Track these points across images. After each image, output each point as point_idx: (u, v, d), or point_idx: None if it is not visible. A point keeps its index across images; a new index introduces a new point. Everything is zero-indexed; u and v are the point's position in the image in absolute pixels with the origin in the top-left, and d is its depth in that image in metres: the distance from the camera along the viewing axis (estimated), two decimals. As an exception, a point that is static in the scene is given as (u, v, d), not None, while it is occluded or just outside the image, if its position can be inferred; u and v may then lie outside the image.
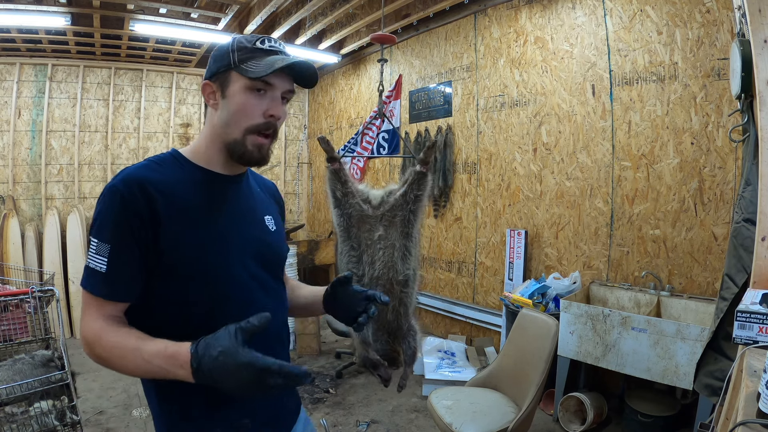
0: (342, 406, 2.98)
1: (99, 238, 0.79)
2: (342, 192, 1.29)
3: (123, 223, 0.79)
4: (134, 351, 0.75)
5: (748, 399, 0.80)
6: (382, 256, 1.27)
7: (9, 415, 1.92)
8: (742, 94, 1.42)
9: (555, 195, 3.23)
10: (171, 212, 0.82)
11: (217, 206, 0.89)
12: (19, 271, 3.70)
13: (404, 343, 1.29)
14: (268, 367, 0.68)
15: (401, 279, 1.26)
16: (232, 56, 0.86)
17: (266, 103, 0.87)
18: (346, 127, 5.48)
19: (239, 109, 0.86)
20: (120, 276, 0.79)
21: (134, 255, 0.80)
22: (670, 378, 2.20)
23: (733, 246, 1.43)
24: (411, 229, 1.28)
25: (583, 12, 3.01)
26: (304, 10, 3.81)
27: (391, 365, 1.30)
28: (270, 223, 1.00)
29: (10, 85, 4.53)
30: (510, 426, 1.97)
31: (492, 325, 3.62)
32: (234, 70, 0.86)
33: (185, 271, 0.83)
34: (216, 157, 0.91)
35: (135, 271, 0.80)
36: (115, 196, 0.79)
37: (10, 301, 2.35)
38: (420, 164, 1.28)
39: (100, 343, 0.77)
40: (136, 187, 0.80)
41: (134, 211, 0.79)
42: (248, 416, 0.89)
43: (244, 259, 0.90)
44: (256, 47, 0.87)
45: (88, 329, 0.79)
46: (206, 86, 0.90)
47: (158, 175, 0.84)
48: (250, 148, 0.88)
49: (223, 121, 0.88)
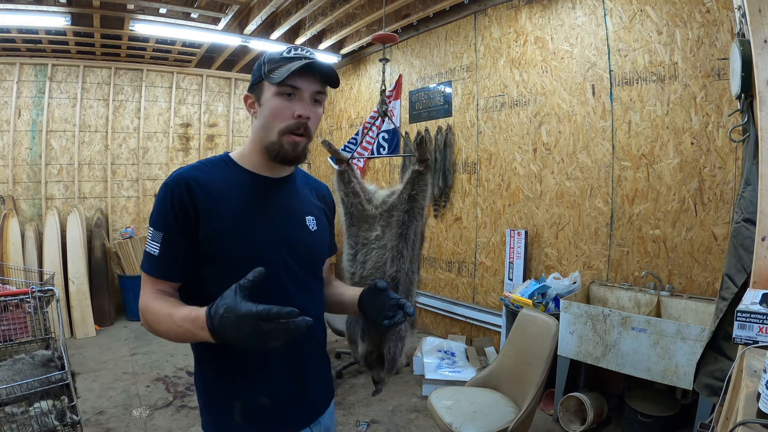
0: (342, 406, 2.98)
1: (154, 227, 0.93)
2: (344, 192, 1.29)
3: (171, 215, 0.91)
4: (168, 317, 0.88)
5: (748, 399, 0.80)
6: (373, 256, 1.27)
7: (9, 415, 1.92)
8: (742, 94, 1.42)
9: (555, 195, 3.23)
10: (212, 207, 0.93)
11: (257, 205, 0.98)
12: (19, 271, 3.70)
13: (385, 348, 1.28)
14: (260, 312, 0.75)
15: (388, 281, 1.24)
16: (263, 68, 0.97)
17: (295, 105, 0.95)
18: (346, 127, 5.48)
19: (271, 113, 0.95)
20: (170, 259, 0.92)
21: (181, 242, 0.92)
22: (670, 378, 2.20)
23: (733, 246, 1.43)
24: (406, 230, 1.27)
25: (583, 12, 3.01)
26: (304, 10, 3.81)
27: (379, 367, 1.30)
28: (311, 223, 1.07)
29: (10, 85, 4.53)
30: (510, 426, 1.97)
31: (492, 325, 3.62)
32: (265, 80, 0.96)
33: (223, 260, 0.94)
34: (259, 160, 1.01)
35: (182, 256, 0.93)
36: (167, 191, 0.92)
37: (10, 301, 2.35)
38: (418, 163, 1.27)
39: (147, 311, 0.91)
40: (182, 184, 0.92)
41: (180, 205, 0.91)
42: (266, 394, 0.97)
43: (280, 255, 0.98)
44: (282, 57, 0.96)
45: (142, 303, 0.93)
46: (247, 98, 1.01)
47: (205, 175, 0.96)
48: (286, 147, 0.96)
49: (261, 126, 0.98)
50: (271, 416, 0.99)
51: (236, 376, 0.97)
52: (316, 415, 1.08)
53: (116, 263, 4.86)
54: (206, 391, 1.00)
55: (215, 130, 5.75)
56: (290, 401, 1.01)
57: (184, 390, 3.20)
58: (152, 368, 3.59)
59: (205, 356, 1.00)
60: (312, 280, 1.06)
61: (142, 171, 5.27)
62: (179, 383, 3.31)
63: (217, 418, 0.99)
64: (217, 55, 5.17)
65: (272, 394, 0.98)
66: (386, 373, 1.30)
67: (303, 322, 0.77)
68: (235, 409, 0.97)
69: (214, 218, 0.93)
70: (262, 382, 0.97)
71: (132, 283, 4.81)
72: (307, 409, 1.06)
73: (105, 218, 5.00)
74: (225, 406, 0.98)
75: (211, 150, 5.69)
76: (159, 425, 2.72)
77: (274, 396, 0.98)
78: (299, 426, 1.04)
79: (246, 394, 0.97)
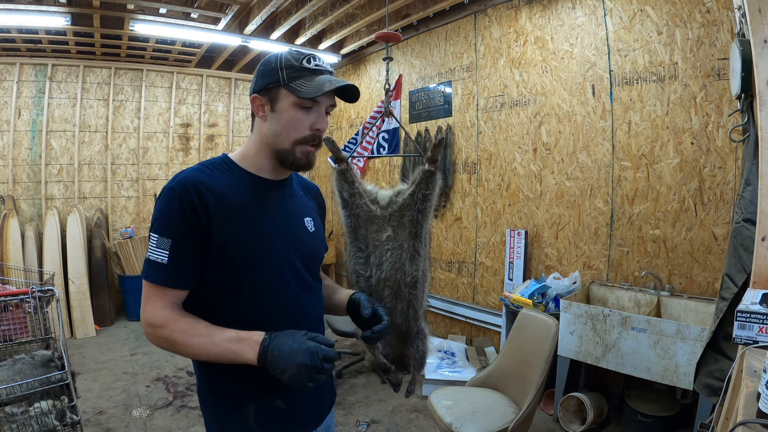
0: (342, 405, 2.98)
1: (160, 233, 0.89)
2: (349, 192, 1.27)
3: (181, 220, 0.88)
4: (205, 336, 0.87)
5: (748, 399, 0.80)
6: (390, 258, 1.25)
7: (9, 415, 1.92)
8: (742, 94, 1.42)
9: (555, 195, 3.23)
10: (221, 211, 0.91)
11: (262, 208, 0.98)
12: (19, 271, 3.70)
13: (413, 347, 1.27)
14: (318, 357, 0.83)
15: (409, 281, 1.24)
16: (280, 74, 0.94)
17: (313, 117, 0.95)
18: (346, 127, 5.48)
19: (289, 123, 0.95)
20: (180, 266, 0.89)
21: (191, 248, 0.90)
22: (670, 378, 2.20)
23: (733, 246, 1.42)
24: (420, 230, 1.26)
25: (583, 12, 3.01)
26: (304, 10, 3.81)
27: (400, 369, 1.29)
28: (309, 224, 1.09)
29: (10, 85, 4.53)
30: (510, 426, 1.97)
31: (492, 325, 3.62)
32: (283, 87, 0.94)
33: (232, 264, 0.93)
34: (264, 163, 1.01)
35: (193, 262, 0.91)
36: (173, 195, 0.89)
37: (10, 301, 2.35)
38: (428, 163, 1.26)
39: (170, 327, 0.88)
40: (191, 188, 0.90)
41: (191, 209, 0.89)
42: (281, 398, 0.98)
43: (286, 256, 0.99)
44: (303, 66, 0.94)
45: (154, 316, 0.89)
46: (255, 99, 0.97)
47: (210, 178, 0.94)
48: (299, 156, 0.97)
49: (273, 133, 0.96)
50: (284, 418, 0.99)
51: (248, 381, 0.96)
52: (324, 414, 1.09)
53: (116, 263, 4.86)
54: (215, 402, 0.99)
55: (215, 130, 5.75)
56: (300, 402, 1.02)
57: (184, 390, 3.20)
58: (152, 368, 3.59)
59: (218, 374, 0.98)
60: (313, 280, 1.08)
61: (142, 171, 5.27)
62: (179, 383, 3.31)
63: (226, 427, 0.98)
64: (217, 55, 5.17)
65: (285, 396, 0.99)
66: (416, 371, 1.30)
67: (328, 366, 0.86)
68: (248, 414, 0.96)
69: (225, 221, 0.92)
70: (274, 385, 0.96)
71: (132, 284, 4.81)
72: (316, 409, 1.07)
73: (105, 218, 5.00)
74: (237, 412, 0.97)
75: (211, 150, 5.69)
76: (159, 425, 2.72)
77: (287, 398, 0.99)
78: (313, 425, 1.06)
79: (259, 397, 0.97)
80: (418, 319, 1.29)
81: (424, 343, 1.29)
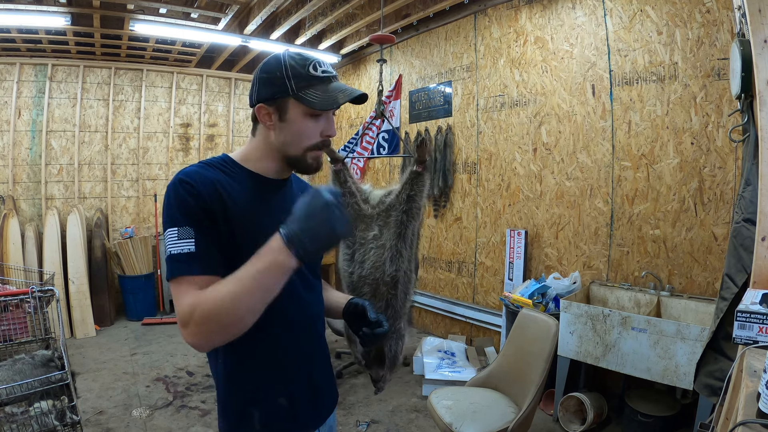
0: (342, 405, 2.98)
1: (178, 225, 0.84)
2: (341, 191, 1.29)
3: (198, 207, 0.85)
4: (236, 281, 0.79)
5: (748, 399, 0.80)
6: (372, 256, 1.27)
7: (9, 415, 1.92)
8: (742, 94, 1.42)
9: (555, 195, 3.23)
10: (231, 205, 0.90)
11: (264, 206, 0.98)
12: (19, 271, 3.70)
13: (386, 346, 1.28)
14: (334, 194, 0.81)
15: (388, 280, 1.26)
16: (289, 83, 0.91)
17: (323, 124, 0.96)
18: (346, 127, 5.48)
19: (299, 133, 0.94)
20: (209, 251, 0.85)
21: (214, 232, 0.87)
22: (670, 378, 2.20)
23: (733, 246, 1.43)
24: (404, 230, 1.27)
25: (583, 12, 3.01)
26: (304, 10, 3.81)
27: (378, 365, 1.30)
28: None
29: (10, 85, 4.52)
30: (510, 426, 1.97)
31: (492, 325, 3.62)
32: (293, 97, 0.91)
33: (235, 261, 0.88)
34: (270, 166, 1.00)
35: (218, 246, 0.87)
36: (183, 186, 0.86)
37: (10, 301, 2.35)
38: (416, 164, 1.27)
39: (199, 306, 0.78)
40: (198, 178, 0.88)
41: (208, 195, 0.87)
42: (285, 396, 0.98)
43: None
44: (311, 74, 0.92)
45: (184, 306, 0.80)
46: (261, 108, 0.94)
47: (216, 174, 0.93)
48: (310, 161, 0.98)
49: (283, 142, 0.95)
50: (287, 418, 0.99)
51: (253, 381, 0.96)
52: (327, 414, 1.09)
53: (116, 263, 4.86)
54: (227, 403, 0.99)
55: (215, 130, 5.75)
56: (303, 402, 1.02)
57: (184, 390, 3.20)
58: (152, 368, 3.59)
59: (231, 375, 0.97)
60: (314, 278, 1.08)
61: (142, 171, 5.27)
62: (179, 383, 3.31)
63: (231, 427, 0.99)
64: (217, 55, 5.17)
65: (289, 396, 0.99)
66: (387, 371, 1.30)
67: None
68: (254, 415, 0.96)
69: (234, 217, 0.90)
70: (278, 382, 0.98)
71: (132, 284, 4.81)
72: (320, 408, 1.07)
73: (105, 218, 5.00)
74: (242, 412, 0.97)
75: (211, 150, 5.69)
76: (159, 425, 2.72)
77: (291, 398, 0.99)
78: (316, 424, 1.06)
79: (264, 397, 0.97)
80: (397, 318, 1.30)
81: (398, 343, 1.30)
